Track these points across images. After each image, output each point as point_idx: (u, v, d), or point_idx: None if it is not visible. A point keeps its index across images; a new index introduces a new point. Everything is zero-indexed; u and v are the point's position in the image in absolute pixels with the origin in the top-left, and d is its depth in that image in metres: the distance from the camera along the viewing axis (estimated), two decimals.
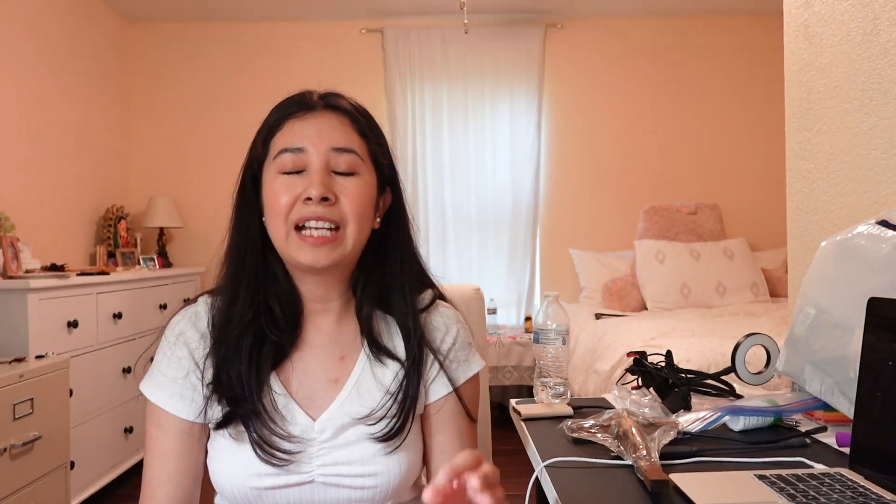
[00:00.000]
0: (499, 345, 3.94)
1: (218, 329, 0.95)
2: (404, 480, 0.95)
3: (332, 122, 0.93)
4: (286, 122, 0.94)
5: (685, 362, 2.31)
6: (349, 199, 0.91)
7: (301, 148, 0.91)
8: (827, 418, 1.16)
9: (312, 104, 0.95)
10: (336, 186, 0.91)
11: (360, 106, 0.99)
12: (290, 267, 0.97)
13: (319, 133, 0.92)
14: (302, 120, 0.93)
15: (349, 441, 0.93)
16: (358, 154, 0.93)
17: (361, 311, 0.99)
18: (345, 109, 0.96)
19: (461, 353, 1.01)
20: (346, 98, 0.98)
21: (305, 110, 0.94)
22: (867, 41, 1.33)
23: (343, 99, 0.97)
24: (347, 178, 0.92)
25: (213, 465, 0.94)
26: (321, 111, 0.94)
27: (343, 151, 0.92)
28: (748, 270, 3.80)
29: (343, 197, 0.91)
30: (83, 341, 2.73)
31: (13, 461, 2.04)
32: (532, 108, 4.31)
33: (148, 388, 0.96)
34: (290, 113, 0.94)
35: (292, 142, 0.92)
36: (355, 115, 0.96)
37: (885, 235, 1.05)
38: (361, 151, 0.94)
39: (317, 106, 0.95)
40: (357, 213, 0.92)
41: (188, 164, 4.31)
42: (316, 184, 0.89)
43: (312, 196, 0.89)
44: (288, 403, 0.94)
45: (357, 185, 0.92)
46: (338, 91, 0.99)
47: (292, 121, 0.93)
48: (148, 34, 4.31)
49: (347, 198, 0.91)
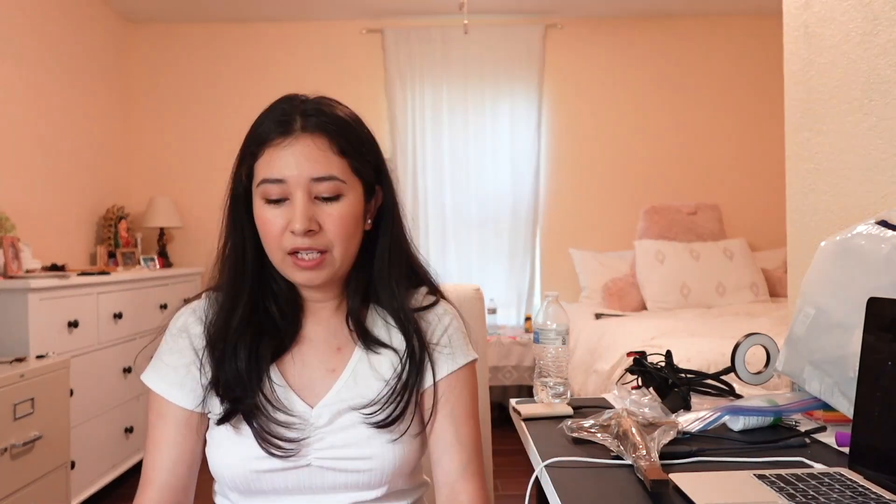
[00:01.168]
0: (499, 345, 3.94)
1: (217, 326, 0.97)
2: (399, 466, 0.96)
3: (310, 149, 0.91)
4: (265, 149, 0.93)
5: (685, 362, 2.31)
6: (334, 226, 0.93)
7: (281, 179, 0.91)
8: (826, 418, 1.16)
9: (291, 129, 0.92)
10: (320, 214, 0.92)
11: (343, 116, 0.96)
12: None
13: (298, 164, 0.91)
14: (280, 149, 0.92)
15: (344, 426, 0.95)
16: (339, 179, 0.92)
17: (353, 305, 1.01)
18: (324, 130, 0.93)
19: (454, 341, 1.03)
20: (329, 108, 0.95)
21: (283, 136, 0.92)
22: (867, 41, 1.33)
23: (324, 115, 0.94)
24: (331, 203, 0.93)
25: (213, 454, 0.96)
26: (298, 136, 0.92)
27: (323, 180, 0.92)
28: (748, 270, 3.80)
29: (327, 225, 0.92)
30: (83, 341, 2.73)
31: (13, 461, 2.04)
32: (532, 108, 4.31)
33: (150, 378, 0.99)
34: (269, 140, 0.92)
35: (272, 173, 0.92)
36: (333, 135, 0.93)
37: (885, 235, 1.05)
38: (343, 174, 0.93)
39: (294, 131, 0.92)
40: (342, 236, 0.93)
41: (188, 164, 4.32)
42: (299, 218, 0.90)
43: (296, 231, 0.90)
44: (287, 393, 0.96)
45: (341, 210, 0.93)
46: (322, 97, 0.97)
47: (271, 149, 0.92)
48: (148, 34, 4.31)
49: (332, 224, 0.93)
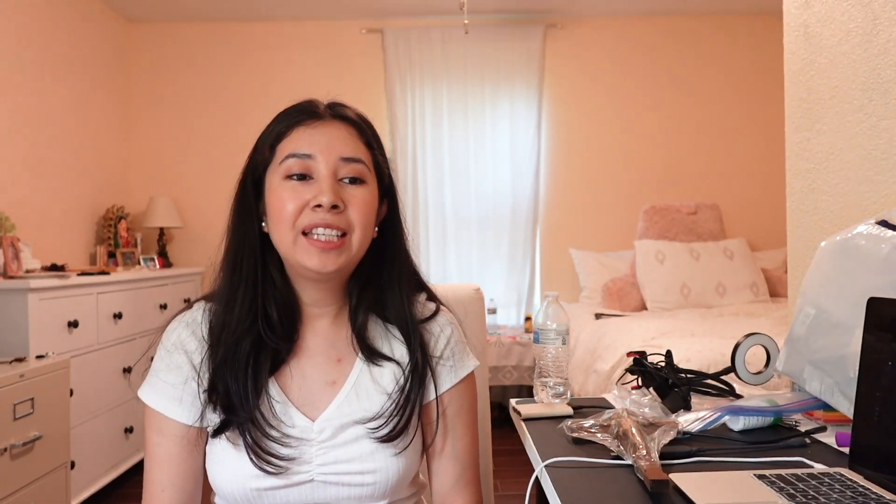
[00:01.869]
0: (499, 345, 3.94)
1: (215, 335, 0.95)
2: (402, 477, 0.96)
3: (341, 131, 0.95)
4: (294, 129, 0.95)
5: (685, 362, 2.31)
6: (357, 208, 0.93)
7: (310, 154, 0.92)
8: (827, 418, 1.16)
9: (320, 113, 0.96)
10: (344, 195, 0.93)
11: (364, 116, 1.01)
12: (290, 272, 0.98)
13: (329, 142, 0.93)
14: (310, 128, 0.95)
15: (347, 440, 0.94)
16: (364, 164, 0.95)
17: (356, 316, 1.00)
18: (351, 120, 0.98)
19: (456, 353, 1.03)
20: (351, 108, 1.00)
21: (314, 119, 0.95)
22: (867, 41, 1.33)
23: (348, 109, 0.99)
24: (355, 186, 0.94)
25: (213, 469, 0.95)
26: (329, 120, 0.96)
27: (351, 161, 0.94)
28: (748, 270, 3.80)
29: (351, 205, 0.93)
30: (83, 341, 2.73)
31: (13, 461, 2.04)
32: (532, 108, 4.31)
33: (148, 394, 0.97)
34: (299, 121, 0.95)
35: (301, 148, 0.93)
36: (361, 126, 0.98)
37: (884, 235, 1.05)
38: (368, 161, 0.96)
39: (324, 115, 0.96)
40: (363, 221, 0.94)
41: (188, 164, 4.32)
42: (327, 191, 0.91)
43: (323, 203, 0.90)
44: (286, 408, 0.95)
45: (364, 194, 0.94)
46: (342, 101, 1.00)
47: (301, 128, 0.95)
48: (148, 34, 4.31)
49: (355, 206, 0.93)
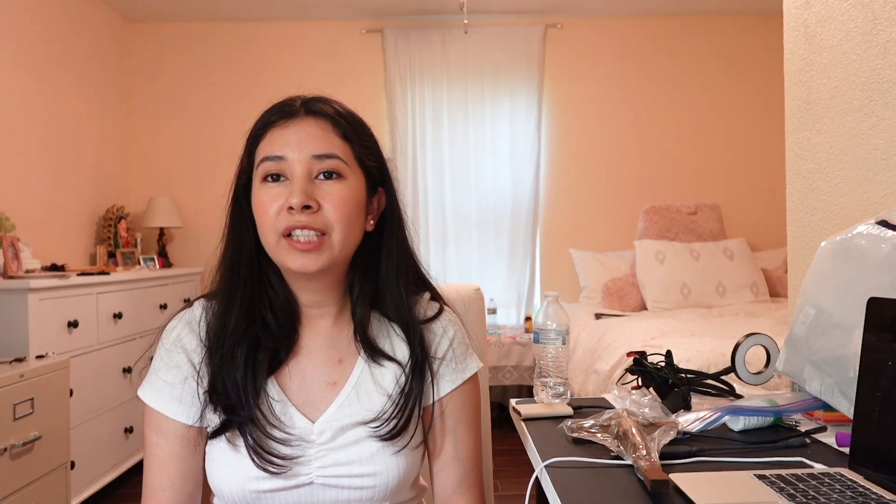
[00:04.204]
0: (499, 345, 3.93)
1: (213, 336, 0.95)
2: (403, 480, 0.95)
3: (313, 128, 0.93)
4: (268, 130, 0.94)
5: (685, 362, 2.31)
6: (333, 205, 0.90)
7: (281, 156, 0.91)
8: (827, 418, 1.15)
9: (293, 111, 0.94)
10: (319, 193, 0.91)
11: (345, 109, 0.97)
12: (285, 273, 0.97)
13: (299, 141, 0.91)
14: (282, 128, 0.93)
15: (348, 442, 0.93)
16: (340, 158, 0.92)
17: (356, 311, 0.98)
18: (326, 114, 0.94)
19: (459, 355, 1.02)
20: (331, 102, 0.97)
21: (286, 118, 0.93)
22: (867, 41, 1.33)
23: (326, 104, 0.96)
24: (331, 182, 0.91)
25: (212, 470, 0.94)
26: (302, 118, 0.93)
27: (324, 157, 0.91)
28: (748, 270, 3.80)
29: (326, 203, 0.90)
30: (83, 341, 2.73)
31: (13, 461, 2.04)
32: (532, 108, 4.30)
33: (147, 394, 0.96)
34: (272, 122, 0.94)
35: (273, 150, 0.91)
36: (337, 120, 0.94)
37: (885, 235, 1.05)
38: (345, 155, 0.93)
39: (297, 113, 0.94)
40: (341, 218, 0.91)
41: (188, 164, 4.31)
42: (296, 192, 0.89)
43: (294, 204, 0.88)
44: (286, 408, 0.94)
45: (341, 190, 0.91)
46: (323, 95, 0.98)
47: (274, 129, 0.93)
48: (148, 34, 4.31)
49: (331, 204, 0.90)
